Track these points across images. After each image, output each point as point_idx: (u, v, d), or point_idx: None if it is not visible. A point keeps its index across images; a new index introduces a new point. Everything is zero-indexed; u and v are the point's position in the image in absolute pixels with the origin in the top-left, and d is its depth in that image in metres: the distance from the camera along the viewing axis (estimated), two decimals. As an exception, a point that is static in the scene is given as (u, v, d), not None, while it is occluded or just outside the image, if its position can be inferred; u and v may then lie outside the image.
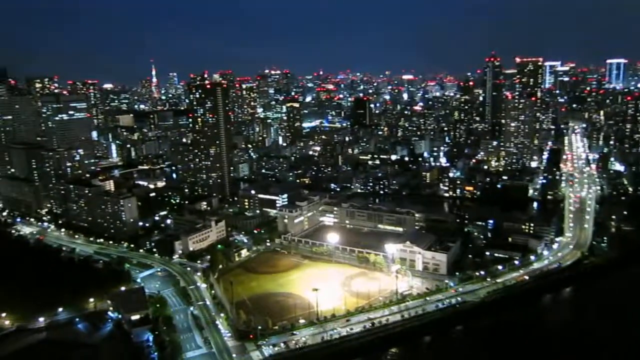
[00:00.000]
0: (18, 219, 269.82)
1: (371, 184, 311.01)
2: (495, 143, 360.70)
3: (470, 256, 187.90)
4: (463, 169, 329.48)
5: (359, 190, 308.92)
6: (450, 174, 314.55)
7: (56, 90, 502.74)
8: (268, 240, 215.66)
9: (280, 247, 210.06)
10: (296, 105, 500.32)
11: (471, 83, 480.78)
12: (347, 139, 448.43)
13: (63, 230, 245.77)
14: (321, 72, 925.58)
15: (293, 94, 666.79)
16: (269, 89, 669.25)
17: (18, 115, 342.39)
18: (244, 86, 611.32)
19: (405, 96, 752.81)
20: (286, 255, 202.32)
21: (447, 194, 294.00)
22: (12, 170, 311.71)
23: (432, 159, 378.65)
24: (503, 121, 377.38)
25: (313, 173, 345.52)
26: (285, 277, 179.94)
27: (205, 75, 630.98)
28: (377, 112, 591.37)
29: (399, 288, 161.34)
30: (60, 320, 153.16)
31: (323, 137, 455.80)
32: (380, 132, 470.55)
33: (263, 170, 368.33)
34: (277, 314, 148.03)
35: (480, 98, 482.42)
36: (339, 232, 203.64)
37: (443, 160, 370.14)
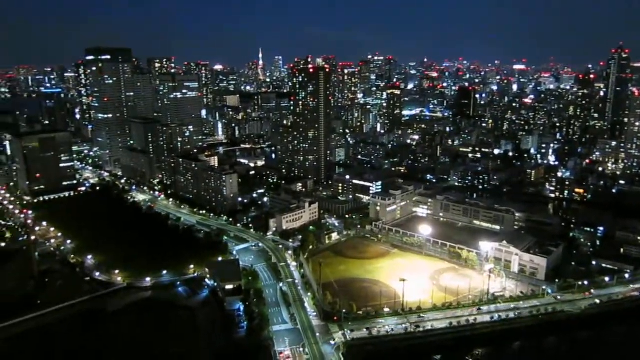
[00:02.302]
0: (134, 187, 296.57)
1: (470, 178, 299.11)
2: (614, 144, 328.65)
3: (573, 264, 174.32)
4: (574, 170, 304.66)
5: (456, 184, 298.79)
6: (559, 174, 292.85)
7: (173, 70, 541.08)
8: (359, 226, 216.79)
9: (370, 234, 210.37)
10: (397, 92, 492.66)
11: (592, 76, 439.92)
12: (447, 129, 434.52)
13: (171, 200, 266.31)
14: (425, 60, 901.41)
15: (395, 80, 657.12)
16: (370, 74, 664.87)
17: (139, 92, 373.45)
18: (346, 71, 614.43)
19: (514, 87, 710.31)
20: (376, 243, 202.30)
21: (552, 195, 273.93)
22: (132, 142, 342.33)
23: (539, 156, 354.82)
24: (626, 120, 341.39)
25: (409, 162, 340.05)
26: (373, 264, 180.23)
27: (309, 60, 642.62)
28: (482, 103, 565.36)
29: (490, 288, 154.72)
30: (164, 281, 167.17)
31: (423, 126, 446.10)
32: (484, 125, 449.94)
33: (359, 156, 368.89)
34: (362, 299, 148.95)
35: (601, 93, 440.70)
36: (432, 225, 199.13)
37: (552, 159, 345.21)
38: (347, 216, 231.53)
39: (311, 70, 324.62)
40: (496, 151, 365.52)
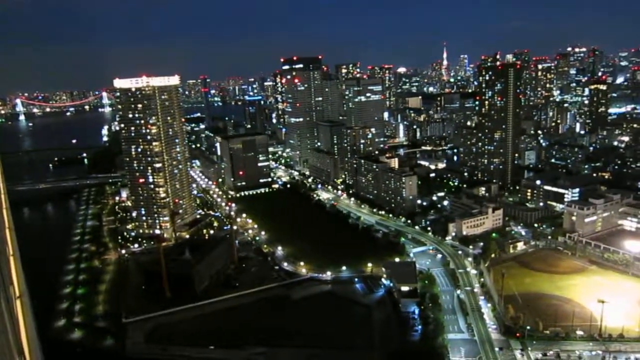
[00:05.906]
0: (319, 186, 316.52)
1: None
2: None
3: None
4: None
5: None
6: None
7: (357, 75, 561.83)
8: (549, 237, 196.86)
9: (563, 247, 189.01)
10: (602, 87, 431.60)
11: None
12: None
13: (352, 199, 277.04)
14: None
15: (600, 74, 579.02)
16: (569, 69, 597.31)
17: (327, 97, 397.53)
18: (539, 66, 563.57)
19: None
20: (569, 257, 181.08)
21: None
22: (319, 143, 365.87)
23: None
24: None
25: (615, 167, 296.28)
26: (565, 280, 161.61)
27: (498, 56, 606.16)
28: None
29: None
30: (342, 277, 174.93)
31: (634, 125, 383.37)
32: None
33: (552, 160, 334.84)
34: (549, 317, 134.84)
35: None
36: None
37: None
38: (535, 225, 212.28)
39: (499, 68, 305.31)
40: None
